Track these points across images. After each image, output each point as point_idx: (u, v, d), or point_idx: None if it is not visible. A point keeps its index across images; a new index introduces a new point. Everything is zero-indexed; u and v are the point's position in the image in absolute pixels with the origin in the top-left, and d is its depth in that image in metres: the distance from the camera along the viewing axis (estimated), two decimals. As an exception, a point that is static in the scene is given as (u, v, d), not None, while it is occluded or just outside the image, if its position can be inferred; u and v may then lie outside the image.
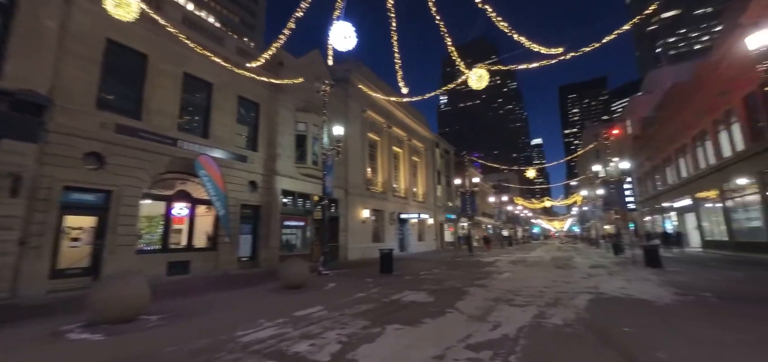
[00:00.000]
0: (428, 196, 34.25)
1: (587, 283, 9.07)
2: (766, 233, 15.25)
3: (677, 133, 24.49)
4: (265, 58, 10.59)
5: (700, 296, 6.83)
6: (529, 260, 18.38)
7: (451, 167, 42.95)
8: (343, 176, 20.63)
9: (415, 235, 30.02)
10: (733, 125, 17.25)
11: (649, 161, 32.45)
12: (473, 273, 12.31)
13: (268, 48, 10.32)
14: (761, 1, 12.70)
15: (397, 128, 28.90)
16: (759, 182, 15.35)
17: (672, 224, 29.09)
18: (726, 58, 16.63)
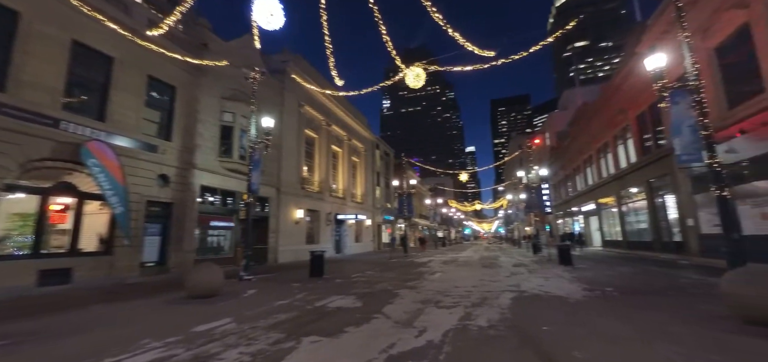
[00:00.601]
0: (367, 197, 34.03)
1: (510, 282, 9.45)
2: (651, 233, 17.88)
3: (585, 146, 27.80)
4: (168, 24, 9.13)
5: (605, 291, 7.44)
6: (459, 259, 19.07)
7: (391, 169, 43.45)
8: (275, 174, 19.27)
9: (353, 236, 29.51)
10: (628, 140, 19.99)
11: (562, 170, 36.45)
12: (406, 274, 12.20)
13: (173, 12, 8.91)
14: (653, 34, 14.82)
15: (337, 127, 28.15)
16: (647, 190, 17.95)
17: (579, 226, 32.99)
18: (624, 82, 19.21)
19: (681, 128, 7.52)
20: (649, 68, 7.86)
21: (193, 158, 14.36)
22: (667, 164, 15.51)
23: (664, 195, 16.60)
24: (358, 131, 32.84)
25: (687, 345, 3.82)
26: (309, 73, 22.67)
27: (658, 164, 16.37)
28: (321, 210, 24.25)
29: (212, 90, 15.80)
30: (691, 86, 7.43)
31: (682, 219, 14.80)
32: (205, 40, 15.56)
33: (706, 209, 12.92)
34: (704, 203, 13.10)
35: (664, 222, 16.99)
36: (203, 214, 15.16)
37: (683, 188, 14.32)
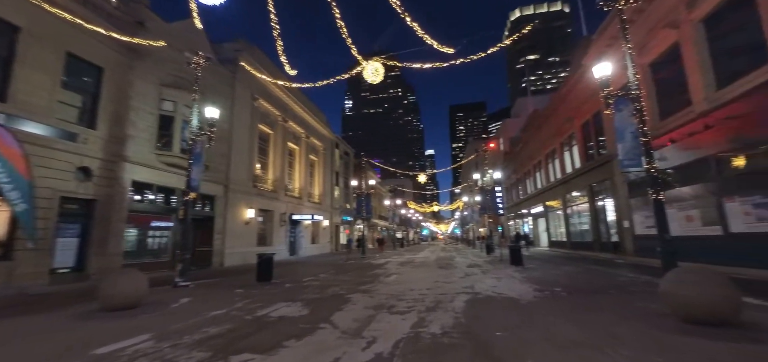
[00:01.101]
0: (325, 197, 33.11)
1: (464, 283, 9.38)
2: (592, 234, 19.16)
3: (535, 151, 29.35)
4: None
5: (554, 291, 7.57)
6: (416, 261, 19.03)
7: (350, 169, 42.82)
8: (223, 170, 17.86)
9: (309, 237, 28.47)
10: (573, 147, 21.31)
11: (514, 174, 38.29)
12: (361, 276, 11.76)
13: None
14: (597, 48, 15.84)
15: (294, 123, 26.99)
16: (589, 194, 19.21)
17: (529, 227, 34.84)
18: (571, 92, 20.43)
19: (624, 135, 7.90)
20: (596, 76, 8.17)
21: (123, 150, 12.73)
22: (607, 170, 16.68)
23: (604, 199, 17.86)
24: (316, 129, 31.84)
25: (634, 348, 3.79)
26: (264, 64, 21.41)
27: (599, 170, 17.56)
28: (275, 210, 23.01)
29: (150, 75, 14.20)
30: (632, 95, 7.83)
31: (619, 221, 15.98)
32: (142, 17, 13.92)
33: (640, 212, 14.00)
34: (638, 207, 14.19)
35: (603, 224, 18.28)
36: (137, 213, 13.55)
37: (621, 193, 15.45)
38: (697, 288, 4.26)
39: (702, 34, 10.02)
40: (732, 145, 9.23)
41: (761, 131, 8.36)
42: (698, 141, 10.03)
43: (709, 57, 9.87)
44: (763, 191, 8.34)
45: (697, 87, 10.19)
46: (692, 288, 4.30)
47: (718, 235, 9.62)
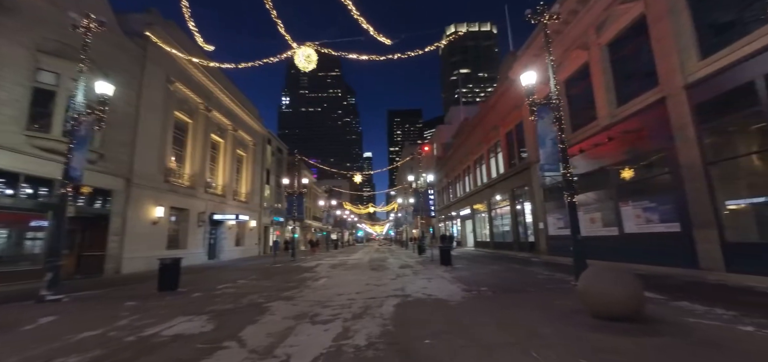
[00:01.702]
0: (253, 196, 30.69)
1: (395, 285, 9.12)
2: (512, 235, 20.70)
3: (465, 157, 31.02)
4: None
5: (480, 291, 7.67)
6: (349, 262, 18.48)
7: (284, 166, 40.56)
8: (125, 161, 15.19)
9: (232, 239, 26.00)
10: (498, 154, 22.87)
11: (446, 177, 40.14)
12: (287, 281, 10.81)
13: None
14: (522, 63, 17.11)
15: (220, 114, 24.44)
16: (510, 198, 20.73)
17: (457, 228, 36.76)
18: (498, 102, 21.89)
19: (545, 141, 8.39)
20: (523, 84, 8.57)
21: (-27, 127, 9.90)
22: (526, 176, 18.12)
23: (523, 202, 19.41)
24: (246, 122, 29.38)
25: (557, 349, 3.76)
26: (183, 44, 18.91)
27: (520, 176, 19.02)
28: (192, 209, 20.45)
29: (20, 37, 11.36)
30: (553, 104, 8.36)
31: (535, 223, 17.45)
32: (11, -36, 11.07)
33: (553, 215, 15.40)
34: (551, 210, 15.60)
35: (522, 226, 19.85)
36: (5, 210, 10.72)
37: (537, 197, 16.87)
38: (609, 287, 4.46)
39: (607, 57, 11.34)
40: (627, 156, 10.53)
41: (649, 145, 9.65)
42: (601, 152, 11.29)
43: (611, 77, 11.20)
44: (650, 197, 9.64)
45: (601, 103, 11.49)
46: (605, 286, 4.49)
47: (615, 235, 10.91)
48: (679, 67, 8.45)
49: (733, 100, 7.27)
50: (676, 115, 8.54)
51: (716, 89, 7.59)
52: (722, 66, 7.40)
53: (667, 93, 8.81)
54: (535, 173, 17.07)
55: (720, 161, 7.84)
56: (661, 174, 9.42)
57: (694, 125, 8.09)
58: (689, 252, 8.24)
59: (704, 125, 7.94)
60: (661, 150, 9.22)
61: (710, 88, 7.72)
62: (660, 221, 9.27)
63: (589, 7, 11.81)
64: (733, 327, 4.26)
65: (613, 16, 10.83)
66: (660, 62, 9.08)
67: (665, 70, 8.88)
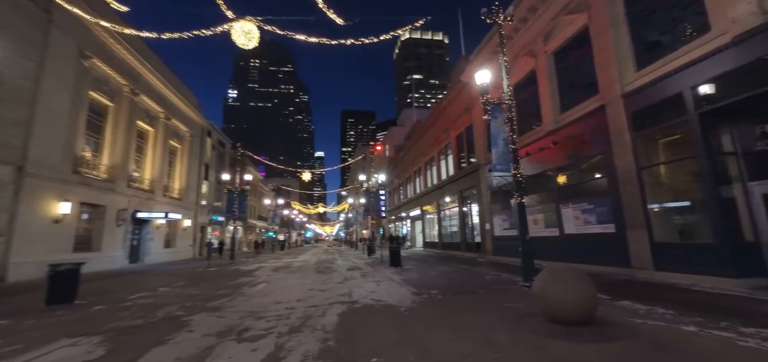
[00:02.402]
0: (188, 192, 27.80)
1: (342, 289, 8.44)
2: (460, 236, 21.09)
3: (416, 158, 31.26)
4: None
5: (431, 294, 7.31)
6: (294, 265, 17.34)
7: (226, 162, 37.56)
8: (17, 145, 12.50)
9: (161, 240, 23.19)
10: (449, 156, 23.23)
11: (397, 178, 40.26)
12: (218, 288, 9.55)
13: None
14: (474, 66, 17.44)
15: (150, 99, 21.63)
16: (459, 199, 21.11)
17: (407, 229, 37.00)
18: (449, 105, 22.22)
19: (497, 141, 8.32)
20: (477, 83, 8.42)
21: None
22: (474, 178, 18.52)
23: (471, 204, 19.86)
24: (182, 111, 26.50)
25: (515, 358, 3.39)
26: (106, 14, 16.25)
27: (468, 178, 19.42)
28: (110, 205, 17.70)
29: None
30: (506, 105, 8.32)
31: (482, 224, 17.88)
32: None
33: (499, 216, 15.83)
34: (497, 211, 16.03)
35: (469, 227, 20.30)
36: None
37: (484, 199, 17.29)
38: (567, 291, 4.26)
39: (552, 64, 11.84)
40: (568, 160, 11.02)
41: (589, 150, 10.16)
42: (546, 156, 11.72)
43: (556, 84, 11.71)
44: (589, 200, 10.15)
45: (547, 109, 11.96)
46: (562, 290, 4.29)
47: (556, 236, 11.37)
48: (618, 77, 8.95)
49: (663, 110, 7.79)
50: (614, 122, 9.03)
51: (649, 99, 8.11)
52: (655, 77, 7.91)
53: (606, 101, 9.29)
54: (483, 176, 17.48)
55: (651, 166, 8.41)
56: (599, 178, 9.94)
57: (629, 131, 8.59)
58: (622, 252, 8.72)
59: (638, 132, 8.46)
60: (599, 155, 9.72)
61: (644, 98, 8.24)
62: (597, 223, 9.77)
63: (538, 16, 12.24)
64: (677, 327, 4.29)
65: (560, 26, 11.30)
66: (601, 72, 9.57)
67: (605, 80, 9.37)
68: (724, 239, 6.65)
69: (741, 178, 6.90)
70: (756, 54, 6.02)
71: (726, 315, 4.74)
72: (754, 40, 6.04)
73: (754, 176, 6.75)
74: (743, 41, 6.20)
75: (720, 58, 6.61)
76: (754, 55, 6.05)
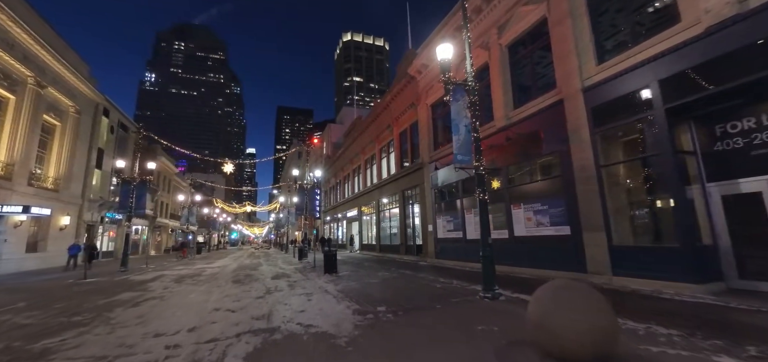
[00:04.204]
0: (70, 182, 22.18)
1: (259, 309, 6.36)
2: (400, 238, 19.96)
3: (355, 156, 29.62)
4: None
5: (377, 313, 5.69)
6: (206, 272, 14.32)
7: (130, 149, 31.36)
8: None
9: (21, 242, 17.80)
10: (391, 154, 22.05)
11: (334, 177, 38.13)
12: (76, 310, 6.69)
13: None
14: (421, 59, 16.46)
15: (9, 57, 16.42)
16: (400, 199, 20.00)
17: (343, 231, 35.04)
18: (394, 100, 21.06)
19: (459, 127, 7.09)
20: (439, 57, 7.11)
21: None
22: (418, 177, 17.54)
23: (413, 204, 18.87)
24: (64, 79, 21.01)
25: None
26: None
27: (411, 177, 18.40)
28: (-74, 192, 12.62)
29: None
30: (468, 87, 7.14)
31: (424, 225, 16.94)
32: None
33: (443, 217, 14.98)
34: (441, 212, 15.18)
35: (410, 228, 19.29)
36: None
37: (428, 199, 16.36)
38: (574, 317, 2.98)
39: (507, 58, 11.24)
40: (520, 158, 10.44)
41: (543, 148, 9.62)
42: (496, 154, 11.04)
43: (510, 79, 11.13)
44: (542, 200, 9.60)
45: (499, 104, 11.33)
46: (567, 316, 3.00)
47: (505, 238, 10.70)
48: (578, 71, 8.46)
49: (626, 105, 7.38)
50: (572, 117, 8.52)
51: (611, 94, 7.68)
52: (618, 71, 7.48)
53: (564, 95, 8.78)
54: (427, 175, 16.56)
55: (611, 164, 8.00)
56: (553, 177, 9.43)
57: (589, 127, 8.12)
58: (578, 256, 8.19)
59: (598, 128, 8.01)
60: (555, 153, 9.20)
61: (606, 93, 7.80)
62: (550, 225, 9.22)
63: (492, 6, 11.58)
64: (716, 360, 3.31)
65: (516, 17, 10.72)
66: (559, 65, 9.06)
67: (564, 73, 8.86)
68: (686, 242, 6.27)
69: (700, 179, 6.65)
70: (729, 47, 5.66)
71: (727, 333, 4.01)
72: (728, 30, 5.68)
73: (712, 176, 6.53)
74: (715, 33, 5.85)
75: (689, 51, 6.25)
76: (727, 48, 5.71)
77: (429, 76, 16.39)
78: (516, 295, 6.62)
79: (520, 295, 6.54)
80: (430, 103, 16.70)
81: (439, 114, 16.20)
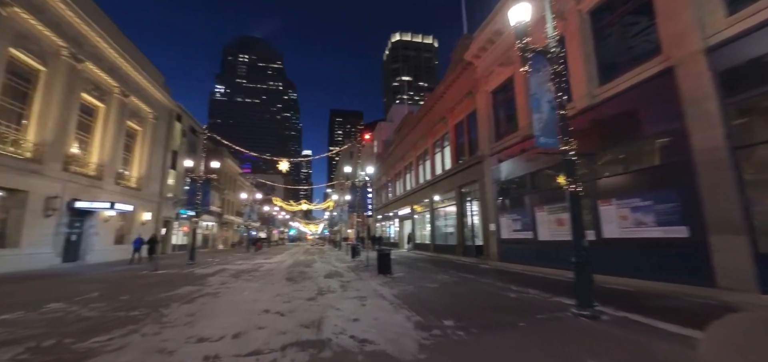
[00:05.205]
0: (150, 181, 24.47)
1: (310, 313, 5.75)
2: (457, 237, 18.60)
3: (406, 153, 28.69)
4: None
5: (444, 327, 4.71)
6: (263, 267, 14.48)
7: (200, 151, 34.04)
8: None
9: (110, 235, 19.89)
10: (445, 148, 20.76)
11: (385, 175, 37.64)
12: (136, 303, 6.70)
13: None
14: (479, 42, 15.01)
15: (99, 68, 18.36)
16: (457, 196, 18.63)
17: (395, 229, 34.33)
18: (448, 90, 19.74)
19: (540, 103, 5.81)
20: (513, 22, 5.88)
21: None
22: (477, 171, 16.08)
23: (472, 201, 17.42)
24: (144, 89, 23.18)
25: None
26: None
27: (469, 171, 16.98)
28: (34, 191, 14.43)
29: None
30: (551, 55, 5.81)
31: (485, 224, 15.44)
32: None
33: (507, 216, 13.42)
34: (506, 210, 13.62)
35: (468, 227, 17.86)
36: None
37: (489, 195, 14.87)
38: None
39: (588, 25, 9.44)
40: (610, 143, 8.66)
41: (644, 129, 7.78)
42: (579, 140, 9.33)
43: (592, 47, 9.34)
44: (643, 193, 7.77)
45: (579, 80, 9.56)
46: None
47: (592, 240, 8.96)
48: (697, 27, 6.60)
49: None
50: (689, 87, 6.68)
51: (749, 52, 5.78)
52: (759, 21, 5.56)
53: (675, 60, 6.95)
54: (487, 168, 15.06)
55: (752, 145, 6.05)
56: (660, 165, 7.56)
57: (717, 98, 6.23)
58: (701, 265, 6.35)
59: (730, 98, 6.11)
60: (661, 134, 7.37)
61: (740, 51, 5.92)
62: (657, 224, 7.39)
63: (568, -34, 9.86)
64: None
65: (601, -27, 8.93)
66: (666, 24, 7.24)
67: (674, 33, 7.03)
68: None
69: None
70: None
71: None
72: None
73: None
74: None
75: None
76: None
77: (488, 60, 14.85)
78: (622, 314, 5.16)
79: (629, 315, 5.07)
80: (490, 89, 15.15)
81: (502, 101, 14.59)
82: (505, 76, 13.80)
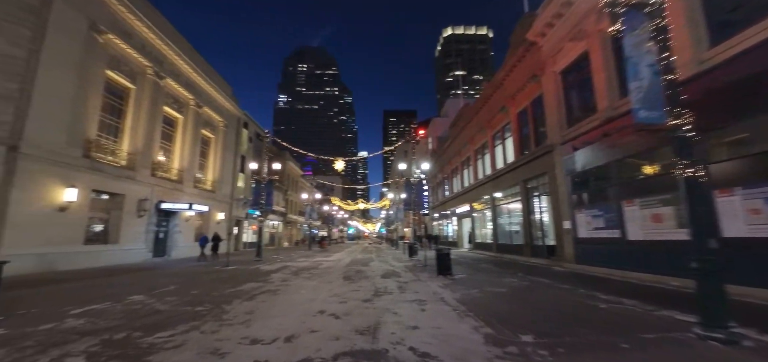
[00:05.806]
0: (222, 184, 26.68)
1: (365, 318, 5.34)
2: (524, 237, 17.01)
3: (463, 147, 27.28)
4: None
5: (523, 345, 3.93)
6: (322, 265, 14.67)
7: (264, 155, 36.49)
8: (6, 120, 11.09)
9: (190, 233, 21.97)
10: (507, 139, 19.19)
11: (441, 172, 36.43)
12: (205, 299, 6.96)
13: None
14: (544, 19, 13.46)
15: (177, 84, 20.40)
16: (522, 191, 17.03)
17: (453, 228, 33.03)
18: (508, 76, 18.19)
19: (639, 69, 4.66)
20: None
21: None
22: (545, 163, 14.47)
23: (540, 196, 15.76)
24: (214, 99, 25.32)
25: None
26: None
27: (536, 163, 15.37)
28: (129, 194, 16.41)
29: None
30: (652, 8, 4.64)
31: (557, 222, 13.80)
32: None
33: (586, 211, 11.77)
34: (583, 205, 11.97)
35: (536, 225, 16.21)
36: None
37: (561, 189, 13.23)
38: None
39: None
40: (726, 120, 6.89)
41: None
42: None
43: (700, 5, 7.56)
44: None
45: (684, 44, 7.79)
46: None
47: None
48: None
49: None
50: None
51: None
52: None
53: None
54: (558, 158, 13.42)
55: None
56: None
57: None
58: None
59: None
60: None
61: None
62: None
63: None
64: None
65: None
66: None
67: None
68: None
69: None
70: None
71: None
72: None
73: None
74: None
75: None
76: None
77: (556, 36, 13.19)
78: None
79: (784, 340, 3.77)
80: (558, 69, 13.48)
81: (574, 81, 12.87)
82: (578, 52, 12.10)
